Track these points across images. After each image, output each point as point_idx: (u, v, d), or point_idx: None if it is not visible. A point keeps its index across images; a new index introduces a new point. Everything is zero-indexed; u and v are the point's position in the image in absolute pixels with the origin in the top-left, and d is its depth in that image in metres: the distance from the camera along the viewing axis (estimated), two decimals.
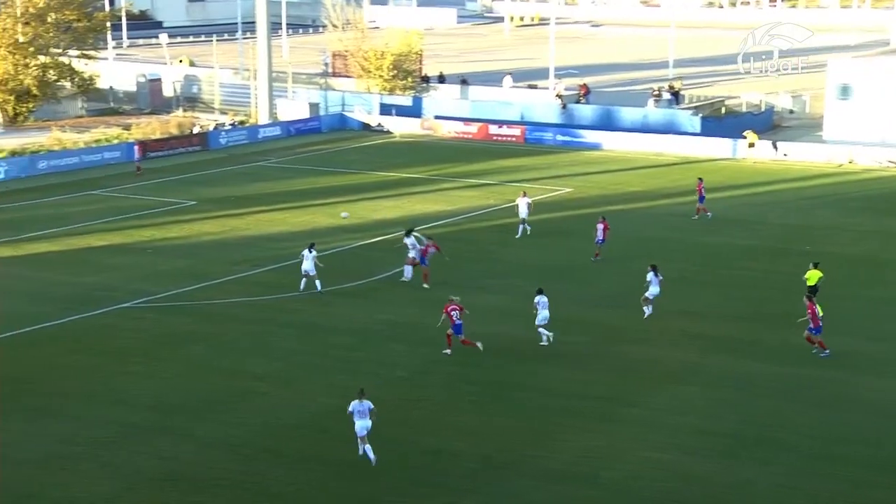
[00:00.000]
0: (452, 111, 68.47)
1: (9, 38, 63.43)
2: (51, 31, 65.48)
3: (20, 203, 47.36)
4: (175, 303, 33.99)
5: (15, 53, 63.83)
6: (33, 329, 31.07)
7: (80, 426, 24.90)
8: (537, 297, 30.06)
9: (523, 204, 41.39)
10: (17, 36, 64.01)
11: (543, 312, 29.88)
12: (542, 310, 29.88)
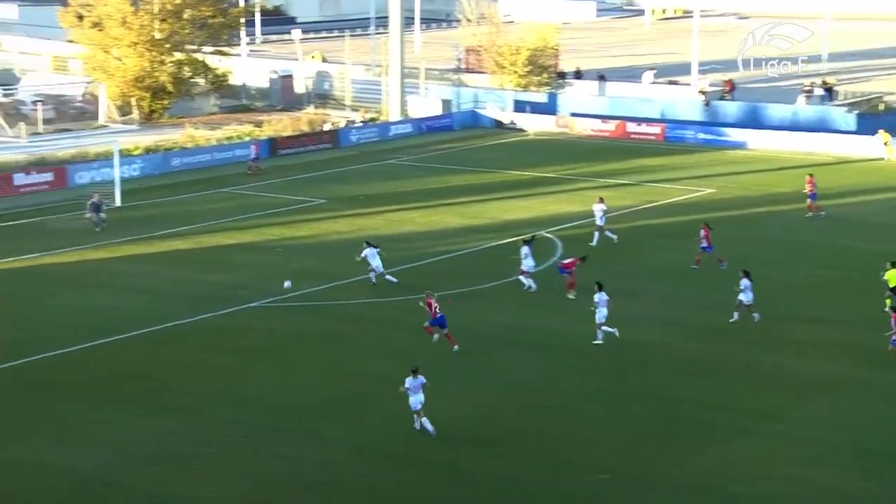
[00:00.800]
0: (589, 108, 68.07)
1: (146, 35, 65.58)
2: (186, 28, 67.44)
3: (153, 200, 49.02)
4: (304, 302, 34.70)
5: (151, 50, 65.96)
6: (164, 327, 32.13)
7: (210, 426, 25.63)
8: (597, 295, 29.98)
9: (598, 211, 40.53)
10: (154, 33, 66.15)
11: (602, 310, 29.99)
12: (601, 307, 29.97)
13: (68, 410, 26.20)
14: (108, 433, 25.09)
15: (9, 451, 24.09)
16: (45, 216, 45.19)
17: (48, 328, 31.78)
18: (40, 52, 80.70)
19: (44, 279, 36.60)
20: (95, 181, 50.45)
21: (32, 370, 28.71)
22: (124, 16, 64.91)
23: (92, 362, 29.42)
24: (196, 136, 60.86)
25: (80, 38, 67.79)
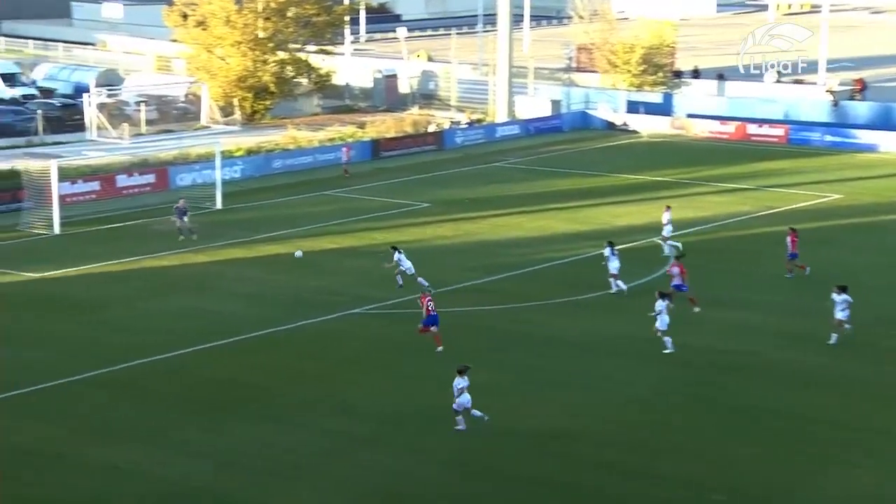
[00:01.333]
0: (707, 109, 67.12)
1: (249, 34, 66.69)
2: (290, 26, 68.39)
3: (254, 203, 49.80)
4: (405, 310, 34.82)
5: (255, 49, 67.05)
6: (263, 333, 32.55)
7: (307, 435, 25.87)
8: (658, 303, 30.08)
9: (665, 220, 39.78)
10: (258, 31, 67.22)
11: (665, 318, 30.05)
12: (662, 315, 30.09)
13: (165, 417, 26.70)
14: (204, 441, 25.49)
15: (104, 456, 24.64)
16: (147, 218, 46.22)
17: (147, 333, 32.46)
18: (144, 51, 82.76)
19: (144, 282, 37.41)
20: (197, 183, 51.49)
21: (130, 375, 29.35)
22: (228, 14, 66.09)
23: (190, 368, 29.95)
24: (298, 137, 61.67)
25: (183, 37, 69.25)
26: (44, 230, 43.24)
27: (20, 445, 24.97)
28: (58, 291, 36.20)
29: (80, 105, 63.88)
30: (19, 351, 30.81)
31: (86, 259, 39.74)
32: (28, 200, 44.80)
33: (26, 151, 53.72)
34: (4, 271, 38.13)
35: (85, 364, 29.80)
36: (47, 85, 74.65)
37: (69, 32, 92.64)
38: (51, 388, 28.24)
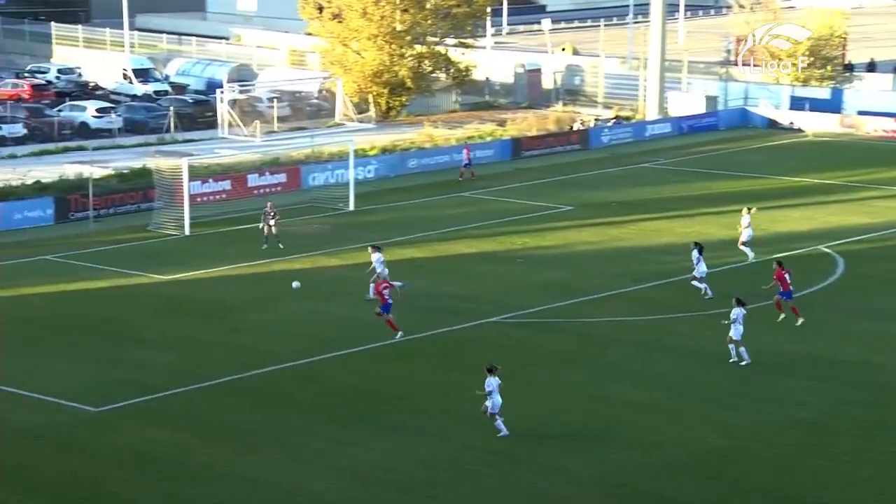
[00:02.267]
0: (881, 106, 65.32)
1: (386, 27, 67.42)
2: (429, 19, 68.87)
3: (388, 204, 50.33)
4: (547, 319, 34.79)
5: (391, 43, 67.75)
6: (398, 341, 32.89)
7: (443, 449, 26.04)
8: (735, 311, 29.91)
9: (745, 223, 39.24)
10: (395, 24, 67.92)
11: (739, 328, 29.90)
12: (738, 324, 29.97)
13: (296, 426, 27.20)
14: (335, 451, 25.89)
15: (233, 464, 25.24)
16: (278, 220, 47.04)
17: (278, 338, 33.12)
18: (278, 45, 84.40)
19: (276, 286, 38.16)
20: (329, 183, 52.33)
21: (261, 382, 29.99)
22: (365, 6, 66.93)
23: (322, 376, 30.46)
24: (435, 135, 62.06)
25: (318, 30, 70.40)
26: (174, 231, 44.50)
27: (147, 451, 25.75)
28: (188, 294, 37.21)
29: (212, 101, 65.58)
30: (150, 354, 31.78)
31: (216, 261, 40.77)
32: (158, 200, 46.16)
33: (157, 149, 55.38)
34: (135, 273, 39.37)
35: (214, 369, 30.57)
36: (180, 81, 76.81)
37: (203, 26, 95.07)
38: (180, 394, 29.04)
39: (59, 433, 26.55)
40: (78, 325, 34.05)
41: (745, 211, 40.27)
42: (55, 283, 38.13)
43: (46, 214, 46.04)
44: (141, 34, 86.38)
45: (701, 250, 35.83)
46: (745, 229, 39.71)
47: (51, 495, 23.76)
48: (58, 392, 28.71)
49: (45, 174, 50.73)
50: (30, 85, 71.53)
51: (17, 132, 59.78)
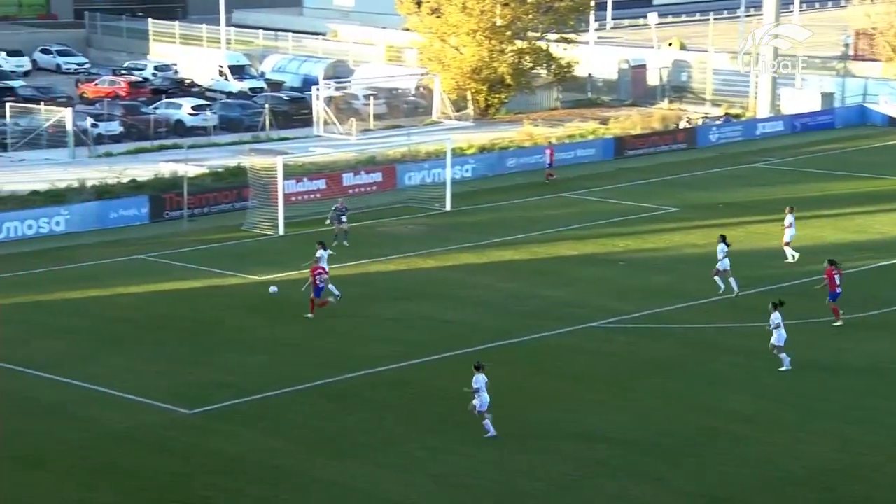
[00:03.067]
0: None
1: (486, 22, 67.43)
2: (530, 13, 68.72)
3: (486, 204, 50.31)
4: (650, 325, 34.48)
5: (491, 38, 67.72)
6: (496, 345, 32.84)
7: (541, 458, 25.92)
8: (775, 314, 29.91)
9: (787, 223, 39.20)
10: (495, 19, 67.88)
11: (781, 333, 29.96)
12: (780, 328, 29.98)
13: (390, 432, 27.29)
14: (431, 459, 25.92)
15: (325, 470, 25.41)
16: (373, 220, 47.42)
17: (373, 341, 33.28)
18: (375, 41, 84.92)
19: (370, 288, 38.38)
20: (425, 182, 52.48)
21: (355, 386, 30.14)
22: (465, 1, 67.03)
23: (418, 380, 30.52)
24: (535, 133, 61.93)
25: (416, 25, 70.66)
26: (268, 231, 44.99)
27: (239, 455, 26.04)
28: (282, 295, 37.54)
29: (307, 98, 66.22)
30: (243, 356, 32.16)
31: (310, 262, 41.00)
32: (253, 199, 46.70)
33: (252, 147, 56.04)
34: (229, 273, 39.88)
35: (307, 373, 30.83)
36: (276, 77, 77.73)
37: (299, 22, 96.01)
38: (272, 397, 29.33)
39: (151, 434, 26.98)
40: (171, 326, 34.59)
41: (788, 210, 40.29)
42: (149, 282, 38.79)
43: (141, 213, 46.87)
44: (237, 30, 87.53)
45: (725, 240, 36.25)
46: (788, 229, 39.81)
47: (144, 498, 24.14)
48: (151, 393, 29.18)
49: (140, 172, 51.65)
50: (126, 82, 72.93)
51: (113, 130, 60.95)
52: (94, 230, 45.19)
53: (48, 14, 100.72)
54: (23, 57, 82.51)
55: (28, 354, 31.79)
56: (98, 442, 26.56)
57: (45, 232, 44.60)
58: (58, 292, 37.57)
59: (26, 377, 30.37)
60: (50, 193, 48.04)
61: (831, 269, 33.53)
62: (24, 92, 67.62)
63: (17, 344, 32.61)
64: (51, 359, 31.57)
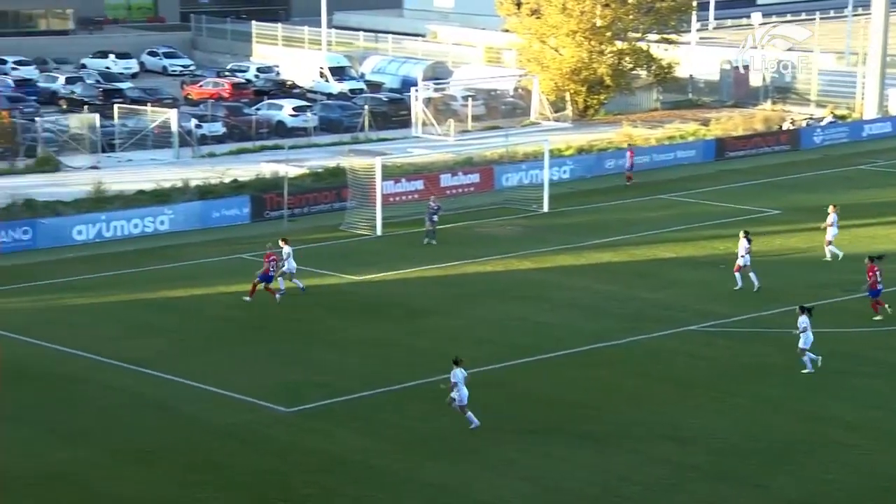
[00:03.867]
0: None
1: (586, 23, 67.12)
2: (631, 14, 68.28)
3: (584, 206, 50.10)
4: (750, 329, 34.05)
5: (591, 39, 67.40)
6: (592, 348, 32.71)
7: (637, 462, 25.76)
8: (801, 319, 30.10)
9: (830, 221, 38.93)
10: (595, 20, 67.55)
11: (808, 336, 30.13)
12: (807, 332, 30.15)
13: (485, 433, 27.24)
14: (526, 461, 25.88)
15: (421, 470, 25.51)
16: (470, 221, 47.48)
17: (468, 342, 33.29)
18: (474, 42, 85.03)
19: (466, 289, 38.44)
20: (523, 184, 52.41)
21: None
22: (565, 2, 66.82)
23: (513, 382, 30.49)
24: (634, 135, 61.52)
25: (516, 26, 70.58)
26: (366, 231, 45.28)
27: (337, 454, 26.26)
28: (379, 296, 37.81)
29: (406, 100, 66.53)
30: (340, 356, 32.42)
31: (407, 262, 41.31)
32: (351, 200, 47.04)
33: (351, 148, 56.47)
34: (327, 273, 40.22)
35: (403, 373, 30.97)
36: (375, 78, 78.23)
37: (399, 23, 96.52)
38: (368, 397, 29.52)
39: (252, 432, 27.32)
40: (270, 325, 35.00)
41: (832, 209, 40.22)
42: (249, 281, 39.24)
43: (242, 213, 47.49)
44: (338, 32, 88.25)
45: (750, 240, 36.73)
46: (830, 227, 39.79)
47: (245, 494, 24.46)
48: (251, 391, 29.55)
49: (242, 173, 52.32)
50: (230, 83, 73.94)
51: (216, 131, 61.84)
52: (196, 229, 45.89)
53: (156, 17, 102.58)
54: (131, 59, 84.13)
55: (133, 351, 32.41)
56: (200, 438, 26.97)
57: (150, 231, 45.41)
58: (161, 290, 38.23)
59: (131, 373, 30.97)
60: (155, 193, 48.90)
61: (873, 265, 33.89)
62: (132, 93, 68.93)
63: (122, 340, 33.31)
64: (155, 356, 32.15)
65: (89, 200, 47.57)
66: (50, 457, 25.96)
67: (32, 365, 31.36)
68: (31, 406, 28.60)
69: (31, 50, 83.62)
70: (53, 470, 25.31)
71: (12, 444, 26.37)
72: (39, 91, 71.31)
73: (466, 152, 56.37)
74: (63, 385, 29.99)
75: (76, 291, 37.79)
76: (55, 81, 72.99)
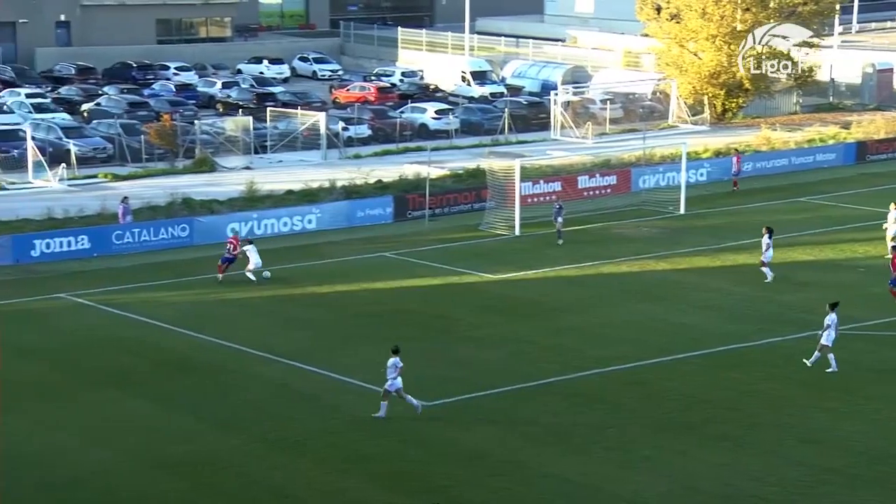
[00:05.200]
0: None
1: (726, 27, 66.10)
2: (772, 18, 67.04)
3: (720, 208, 49.38)
4: (887, 332, 33.15)
5: (730, 43, 66.37)
6: (728, 349, 32.25)
7: (773, 464, 25.31)
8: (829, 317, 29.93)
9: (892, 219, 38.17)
10: (736, 24, 66.47)
11: (832, 333, 29.97)
12: (831, 330, 29.96)
13: (621, 431, 27.13)
14: (662, 459, 25.65)
15: (558, 465, 25.44)
16: (607, 222, 47.19)
17: (605, 341, 33.16)
18: (613, 47, 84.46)
19: (603, 289, 38.23)
20: (659, 186, 51.89)
21: (588, 385, 30.07)
22: (705, 6, 65.92)
23: (651, 381, 30.21)
24: (773, 138, 60.46)
25: (655, 31, 69.85)
26: (504, 231, 45.34)
27: (474, 447, 26.36)
28: (516, 294, 37.84)
29: (545, 103, 66.41)
30: (478, 352, 32.54)
31: (545, 262, 41.24)
32: (490, 200, 47.15)
33: (491, 150, 56.60)
34: (466, 272, 40.40)
35: (540, 370, 30.94)
36: (516, 83, 78.24)
37: (540, 28, 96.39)
38: (506, 393, 29.56)
39: (394, 424, 27.57)
40: (411, 321, 35.29)
41: (893, 206, 39.43)
42: (392, 279, 39.71)
43: (386, 213, 47.98)
44: (480, 37, 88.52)
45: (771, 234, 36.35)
46: (893, 225, 39.10)
47: (389, 484, 24.70)
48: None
49: (385, 174, 52.85)
50: (375, 87, 74.77)
51: (362, 133, 62.56)
52: (342, 228, 46.52)
53: (307, 24, 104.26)
54: (283, 64, 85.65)
55: (281, 344, 33.02)
56: (346, 429, 27.33)
57: (298, 229, 46.19)
58: (308, 286, 38.86)
59: (280, 365, 31.55)
60: (303, 193, 49.72)
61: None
62: (283, 97, 70.14)
63: (271, 334, 33.97)
64: (301, 349, 32.70)
65: (242, 199, 48.61)
66: (204, 443, 26.59)
67: (186, 355, 32.22)
68: (185, 394, 29.37)
69: (192, 56, 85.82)
70: (208, 456, 25.92)
71: (169, 431, 27.10)
72: (198, 95, 73.06)
73: (604, 154, 56.05)
74: (214, 375, 30.71)
75: (228, 286, 38.65)
76: (213, 86, 74.73)
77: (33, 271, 40.43)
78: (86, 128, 59.56)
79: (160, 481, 24.75)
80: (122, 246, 43.04)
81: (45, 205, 46.34)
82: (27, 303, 37.00)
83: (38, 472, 25.13)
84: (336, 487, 24.56)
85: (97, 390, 29.63)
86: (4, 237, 41.93)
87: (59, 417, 28.00)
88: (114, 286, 38.59)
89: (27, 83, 73.97)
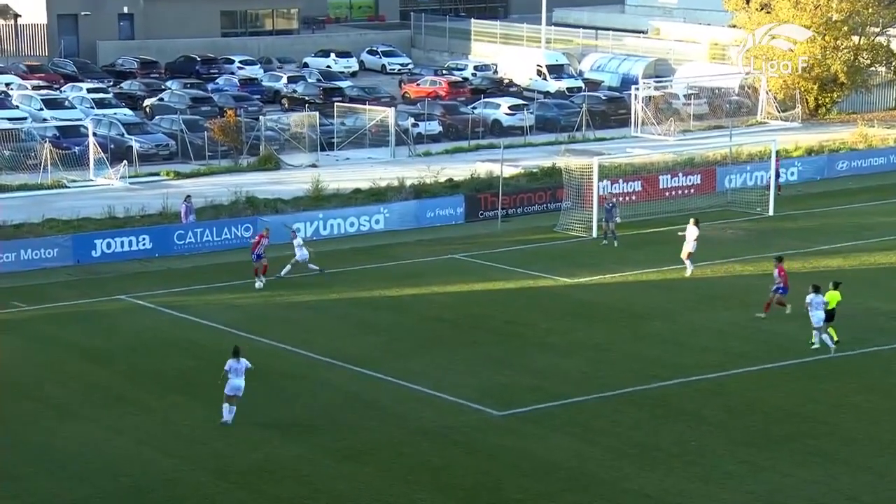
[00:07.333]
0: None
1: (820, 17, 65.32)
2: (870, 7, 66.11)
3: (812, 210, 48.83)
4: None
5: (825, 35, 65.57)
6: (818, 359, 31.86)
7: (868, 482, 24.98)
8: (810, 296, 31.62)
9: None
10: (831, 14, 65.66)
11: (817, 314, 31.56)
12: (814, 310, 31.65)
13: (703, 444, 26.90)
14: (747, 474, 25.40)
15: (637, 480, 25.28)
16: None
17: (688, 349, 32.92)
18: (698, 39, 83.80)
19: (686, 293, 37.96)
20: (747, 186, 51.40)
21: (668, 394, 29.87)
22: None
23: (735, 392, 29.94)
24: (870, 135, 59.65)
25: (744, 22, 69.19)
26: (581, 233, 45.16)
27: (549, 459, 26.24)
28: (594, 299, 37.68)
29: (626, 98, 66.07)
30: (553, 359, 32.45)
31: (624, 265, 41.02)
32: (567, 200, 47.01)
33: (567, 148, 56.42)
34: (541, 275, 40.31)
35: (618, 379, 30.78)
36: (594, 76, 77.97)
37: (621, 19, 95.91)
38: (583, 402, 29.43)
39: (462, 434, 27.58)
40: (483, 326, 35.28)
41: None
42: (463, 282, 39.72)
43: (457, 213, 48.02)
44: (557, 29, 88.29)
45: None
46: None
47: (459, 497, 24.70)
48: (461, 393, 29.84)
49: (456, 172, 52.90)
50: (447, 82, 74.86)
51: (432, 130, 62.67)
52: (411, 229, 46.64)
53: (376, 16, 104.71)
54: (351, 58, 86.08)
55: (347, 349, 33.18)
56: (413, 439, 27.38)
57: (366, 230, 46.40)
58: (376, 289, 39.00)
59: (346, 371, 31.70)
60: (371, 192, 49.93)
61: None
62: (351, 92, 70.56)
63: (337, 338, 34.15)
64: (369, 354, 32.82)
65: (307, 198, 48.93)
66: (269, 451, 26.79)
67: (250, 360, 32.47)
68: (249, 400, 29.62)
69: (257, 49, 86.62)
70: (273, 464, 26.11)
71: (235, 438, 27.35)
72: (263, 90, 73.71)
73: (688, 152, 55.63)
74: (279, 381, 30.93)
75: (293, 289, 38.93)
76: (278, 80, 75.34)
77: (94, 272, 41.05)
78: (148, 124, 60.37)
79: (224, 491, 24.96)
80: (184, 246, 43.55)
81: (107, 203, 47.02)
82: (88, 304, 37.57)
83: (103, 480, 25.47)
84: (406, 499, 24.60)
85: (161, 395, 30.00)
86: (65, 237, 42.62)
87: (124, 423, 28.37)
88: (175, 288, 39.05)
89: (89, 77, 75.07)
